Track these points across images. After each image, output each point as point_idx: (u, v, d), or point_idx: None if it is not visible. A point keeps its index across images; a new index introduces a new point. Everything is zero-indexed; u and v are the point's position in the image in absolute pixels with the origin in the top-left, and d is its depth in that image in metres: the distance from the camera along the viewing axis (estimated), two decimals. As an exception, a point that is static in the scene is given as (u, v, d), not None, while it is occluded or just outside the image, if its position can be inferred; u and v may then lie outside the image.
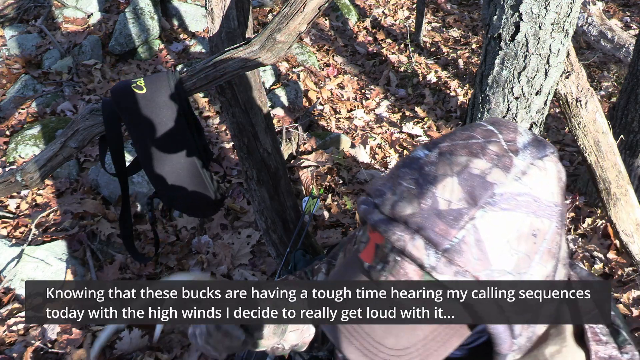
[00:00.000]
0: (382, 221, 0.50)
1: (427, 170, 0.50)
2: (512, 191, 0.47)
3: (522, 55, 1.12)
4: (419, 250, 0.47)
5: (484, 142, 0.51)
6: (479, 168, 0.48)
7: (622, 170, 1.50)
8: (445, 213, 0.47)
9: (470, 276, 0.46)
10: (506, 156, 0.49)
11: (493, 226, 0.46)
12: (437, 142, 0.54)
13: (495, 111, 1.22)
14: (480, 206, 0.46)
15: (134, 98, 1.12)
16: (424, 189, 0.48)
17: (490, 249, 0.46)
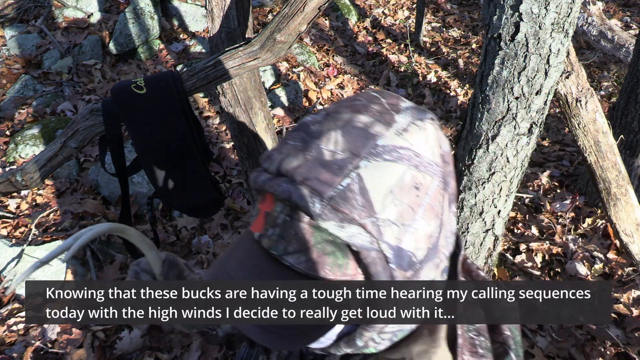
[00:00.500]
0: (269, 179, 0.50)
1: (313, 129, 0.51)
2: (393, 144, 0.49)
3: (522, 55, 1.12)
4: (304, 199, 0.47)
5: (368, 103, 0.53)
6: (361, 122, 0.50)
7: (622, 170, 1.50)
8: (330, 163, 0.48)
9: (356, 224, 0.47)
10: (388, 113, 0.51)
11: (376, 175, 0.47)
12: (323, 108, 0.55)
13: (495, 111, 1.22)
14: (363, 156, 0.48)
15: (134, 98, 1.12)
16: (308, 143, 0.49)
17: (374, 198, 0.47)
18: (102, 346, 1.90)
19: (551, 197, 2.80)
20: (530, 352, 1.88)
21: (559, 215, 2.63)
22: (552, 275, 2.29)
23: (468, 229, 1.46)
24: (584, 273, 2.24)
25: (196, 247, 2.40)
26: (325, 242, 0.49)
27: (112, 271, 2.19)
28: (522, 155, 1.30)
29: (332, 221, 0.47)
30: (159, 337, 1.97)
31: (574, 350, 1.90)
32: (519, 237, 2.51)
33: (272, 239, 0.51)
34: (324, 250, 0.49)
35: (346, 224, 0.47)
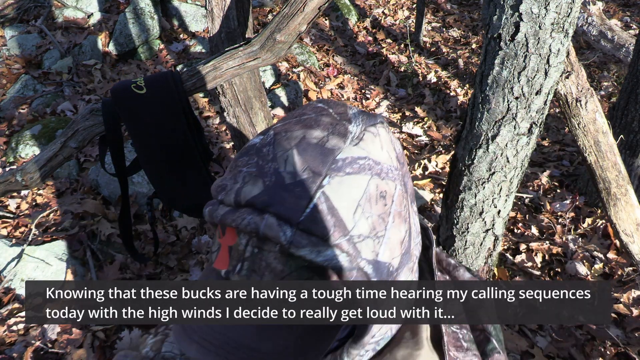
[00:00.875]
0: (229, 212, 0.47)
1: (265, 151, 0.48)
2: (352, 155, 0.47)
3: (522, 55, 1.12)
4: (273, 229, 0.44)
5: (316, 115, 0.50)
6: (316, 137, 0.47)
7: (622, 170, 1.50)
8: (292, 186, 0.45)
9: (331, 245, 0.44)
10: (340, 124, 0.49)
11: (342, 191, 0.45)
12: (270, 127, 0.52)
13: (495, 111, 1.22)
14: (325, 174, 0.45)
15: (134, 98, 1.12)
16: (264, 168, 0.46)
17: (344, 215, 0.45)
18: (102, 346, 1.90)
19: (551, 197, 2.80)
20: (530, 352, 1.88)
21: (559, 215, 2.63)
22: (552, 275, 2.29)
23: (468, 229, 1.46)
24: (584, 273, 2.24)
25: (196, 247, 2.40)
26: (301, 269, 0.46)
27: (112, 271, 2.19)
28: (522, 155, 1.30)
29: (307, 247, 0.44)
30: (159, 337, 1.97)
31: (574, 350, 1.90)
32: (519, 237, 2.51)
33: (241, 275, 0.48)
34: (300, 277, 0.47)
35: (321, 248, 0.44)
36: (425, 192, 2.85)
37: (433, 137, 3.57)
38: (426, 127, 3.73)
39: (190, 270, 2.27)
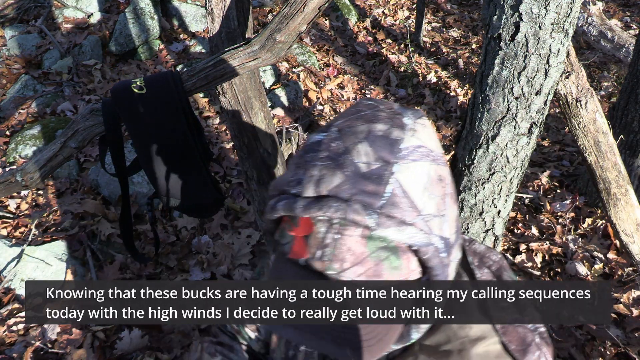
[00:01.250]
0: (311, 203, 0.50)
1: (335, 146, 0.53)
2: (413, 144, 0.53)
3: (522, 55, 1.12)
4: (360, 214, 0.49)
5: (373, 112, 0.56)
6: (380, 130, 0.53)
7: (622, 170, 1.50)
8: (369, 174, 0.50)
9: (410, 224, 0.50)
10: (396, 117, 0.55)
11: (410, 176, 0.51)
12: (329, 125, 0.57)
13: (495, 111, 1.22)
14: (394, 162, 0.51)
15: (134, 98, 1.12)
16: (340, 160, 0.51)
17: (415, 197, 0.51)
18: (102, 346, 1.90)
19: (551, 197, 2.80)
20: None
21: (559, 215, 2.63)
22: (552, 275, 2.29)
23: (468, 229, 1.47)
24: (584, 273, 2.24)
25: (196, 247, 2.40)
26: (380, 250, 0.51)
27: (112, 271, 2.19)
28: (522, 155, 1.30)
29: (391, 227, 0.49)
30: (159, 337, 1.97)
31: (574, 350, 1.90)
32: (519, 237, 2.51)
33: (324, 260, 0.51)
34: (379, 257, 0.51)
35: (403, 227, 0.50)
36: (425, 192, 2.85)
37: (433, 137, 3.56)
38: (426, 127, 3.73)
39: (190, 270, 2.27)
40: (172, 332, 1.98)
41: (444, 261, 0.53)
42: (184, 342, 1.96)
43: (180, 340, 1.96)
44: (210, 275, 2.24)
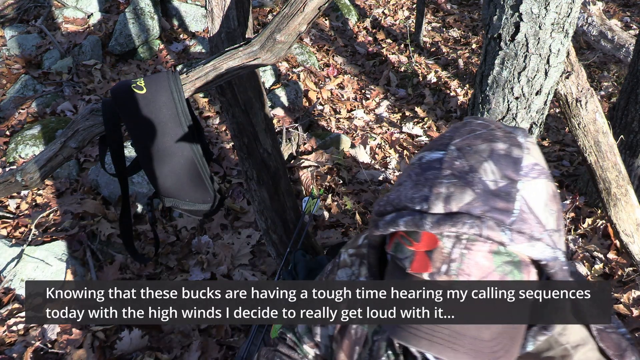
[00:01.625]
0: (442, 219, 0.52)
1: (459, 164, 0.54)
2: (531, 162, 0.55)
3: (522, 55, 1.12)
4: (494, 230, 0.50)
5: (488, 131, 0.58)
6: (501, 149, 0.55)
7: (622, 170, 1.50)
8: (498, 192, 0.52)
9: (537, 240, 0.51)
10: (511, 137, 0.57)
11: (533, 193, 0.53)
12: (443, 143, 0.58)
13: (495, 111, 1.22)
14: (518, 179, 0.53)
15: (134, 98, 1.12)
16: (468, 178, 0.53)
17: (539, 213, 0.53)
18: (102, 346, 1.90)
19: (551, 197, 2.79)
20: (530, 352, 1.88)
21: (559, 215, 2.63)
22: (552, 275, 2.28)
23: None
24: (584, 273, 2.24)
25: (196, 247, 2.40)
26: (504, 264, 0.52)
27: (112, 271, 2.19)
28: (522, 155, 1.29)
29: (523, 243, 0.51)
30: (159, 337, 1.97)
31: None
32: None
33: (449, 274, 0.53)
34: (504, 271, 0.53)
35: (534, 242, 0.51)
36: (425, 192, 2.85)
37: (433, 137, 3.57)
38: (426, 127, 3.73)
39: (190, 270, 2.27)
40: (172, 332, 1.98)
41: (566, 274, 0.54)
42: (184, 342, 1.96)
43: (180, 340, 1.96)
44: (210, 275, 2.24)
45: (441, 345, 0.53)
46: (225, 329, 2.02)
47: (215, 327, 2.01)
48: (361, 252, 0.81)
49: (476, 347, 0.53)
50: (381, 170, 3.12)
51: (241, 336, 2.01)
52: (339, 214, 2.67)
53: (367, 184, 2.95)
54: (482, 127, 0.59)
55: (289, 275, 1.63)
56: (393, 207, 0.57)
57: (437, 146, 0.58)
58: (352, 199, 2.80)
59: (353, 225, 2.60)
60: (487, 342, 0.53)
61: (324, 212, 2.67)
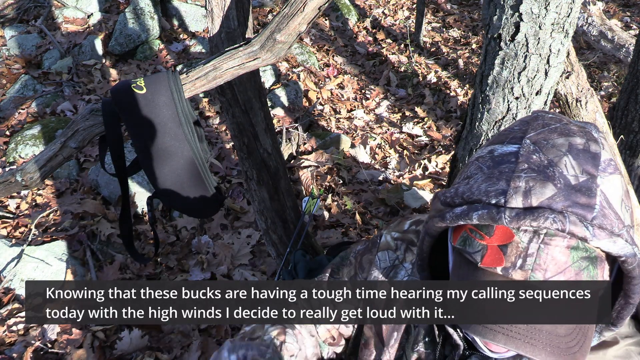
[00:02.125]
0: (522, 213, 0.51)
1: (537, 158, 0.54)
2: (608, 157, 0.55)
3: (522, 56, 1.12)
4: (577, 226, 0.49)
5: (562, 125, 0.57)
6: (579, 144, 0.54)
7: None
8: (579, 186, 0.51)
9: (617, 236, 0.51)
10: (586, 131, 0.57)
11: (611, 189, 0.53)
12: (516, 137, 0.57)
13: (495, 111, 1.22)
14: (597, 175, 0.52)
15: (134, 98, 1.12)
16: (547, 172, 0.52)
17: (617, 209, 0.52)
18: (102, 346, 1.90)
19: (551, 197, 2.79)
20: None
21: (559, 215, 2.63)
22: (552, 275, 2.28)
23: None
24: (584, 273, 2.24)
25: (196, 247, 2.40)
26: (581, 259, 0.52)
27: (112, 271, 2.19)
28: (522, 155, 1.29)
29: (605, 239, 0.50)
30: (159, 337, 1.97)
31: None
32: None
33: (525, 269, 0.53)
34: (580, 266, 0.52)
35: (614, 238, 0.51)
36: (425, 192, 2.85)
37: (433, 137, 3.57)
38: (426, 127, 3.73)
39: (190, 270, 2.27)
40: (172, 332, 1.98)
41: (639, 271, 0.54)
42: (184, 342, 1.96)
43: (180, 340, 1.96)
44: (210, 275, 2.24)
45: (519, 341, 0.52)
46: (225, 329, 2.02)
47: (215, 327, 2.01)
48: (408, 237, 0.79)
49: (552, 343, 0.53)
50: (381, 170, 3.12)
51: (241, 336, 2.01)
52: (339, 214, 2.67)
53: (367, 184, 2.95)
54: (555, 121, 0.59)
55: (289, 275, 1.63)
56: (463, 200, 0.56)
57: (508, 139, 0.57)
58: (352, 199, 2.80)
59: (353, 225, 2.60)
60: (563, 337, 0.53)
61: (324, 212, 2.67)
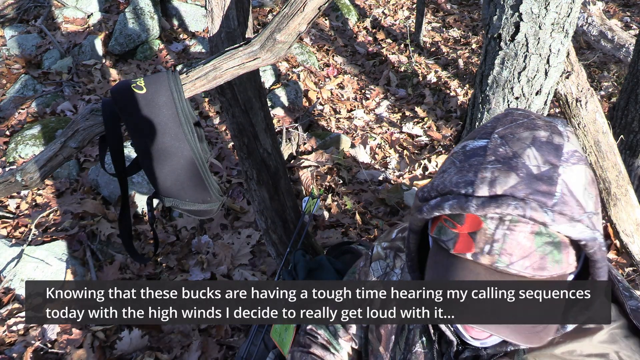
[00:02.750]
0: (487, 201, 0.55)
1: (503, 151, 0.58)
2: (571, 149, 0.58)
3: (522, 55, 1.12)
4: (537, 211, 0.53)
5: (529, 120, 0.61)
6: (543, 136, 0.58)
7: (622, 170, 1.50)
8: (540, 175, 0.54)
9: (577, 221, 0.54)
10: (551, 125, 0.60)
11: (573, 178, 0.56)
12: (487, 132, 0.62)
13: (495, 111, 1.22)
14: (559, 165, 0.56)
15: (134, 98, 1.12)
16: (512, 163, 0.56)
17: (579, 197, 0.55)
18: (102, 346, 1.90)
19: (551, 197, 2.79)
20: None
21: (559, 215, 2.63)
22: (552, 275, 2.28)
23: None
24: (584, 273, 2.24)
25: (196, 247, 2.40)
26: (545, 244, 0.55)
27: (112, 271, 2.19)
28: (522, 155, 1.29)
29: (564, 224, 0.53)
30: (159, 337, 1.97)
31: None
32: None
33: (492, 254, 0.56)
34: (544, 251, 0.55)
35: (574, 223, 0.54)
36: (425, 192, 2.85)
37: (433, 137, 3.57)
38: (426, 127, 3.73)
39: (190, 270, 2.27)
40: (172, 332, 1.98)
41: (604, 254, 0.57)
42: (184, 342, 1.96)
43: (180, 340, 1.96)
44: (210, 275, 2.24)
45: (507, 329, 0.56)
46: (225, 329, 2.02)
47: (215, 327, 2.01)
48: (395, 245, 0.85)
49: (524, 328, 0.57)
50: (381, 170, 3.12)
51: (241, 336, 2.01)
52: (339, 214, 2.67)
53: (367, 184, 2.95)
54: (523, 116, 0.62)
55: (289, 275, 1.63)
56: (437, 193, 0.59)
57: (480, 135, 0.62)
58: (352, 199, 2.80)
59: (353, 225, 2.60)
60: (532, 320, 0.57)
61: (324, 212, 2.67)
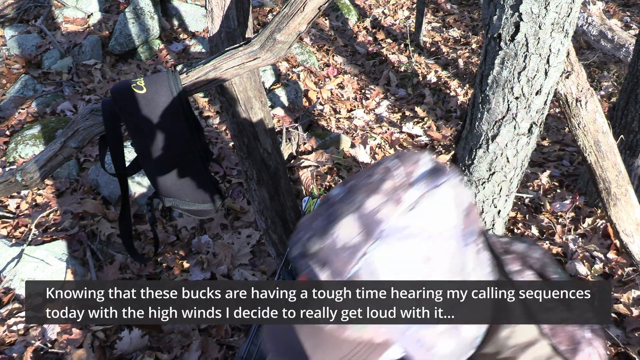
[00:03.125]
0: (298, 256, 0.56)
1: (333, 210, 0.56)
2: (399, 225, 0.52)
3: (522, 55, 1.12)
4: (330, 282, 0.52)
5: (381, 178, 0.56)
6: (372, 205, 0.53)
7: (622, 170, 1.50)
8: (342, 250, 0.52)
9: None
10: (399, 190, 0.54)
11: (385, 258, 0.51)
12: (348, 180, 0.60)
13: (495, 111, 1.22)
14: (371, 241, 0.51)
15: (134, 98, 1.12)
16: (327, 227, 0.54)
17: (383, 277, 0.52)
18: (102, 346, 1.90)
19: (551, 197, 2.80)
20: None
21: (559, 215, 2.63)
22: (552, 275, 2.28)
23: (468, 229, 1.46)
24: (584, 273, 2.24)
25: (196, 247, 2.40)
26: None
27: (112, 271, 2.19)
28: (522, 155, 1.30)
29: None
30: (159, 337, 1.97)
31: (574, 350, 1.90)
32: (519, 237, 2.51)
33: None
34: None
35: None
36: (425, 192, 2.85)
37: (433, 137, 3.57)
38: (426, 127, 3.73)
39: (190, 270, 2.27)
40: (172, 332, 1.98)
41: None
42: (184, 342, 1.96)
43: (180, 340, 1.96)
44: (210, 275, 2.24)
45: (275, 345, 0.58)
46: (225, 329, 2.02)
47: (215, 327, 2.01)
48: None
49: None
50: (381, 170, 3.12)
51: (241, 336, 2.01)
52: (339, 214, 2.67)
53: (367, 183, 2.94)
54: (384, 171, 0.57)
55: (289, 275, 1.63)
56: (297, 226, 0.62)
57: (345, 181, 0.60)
58: (352, 198, 2.80)
59: (353, 225, 2.60)
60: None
61: (324, 212, 2.67)
